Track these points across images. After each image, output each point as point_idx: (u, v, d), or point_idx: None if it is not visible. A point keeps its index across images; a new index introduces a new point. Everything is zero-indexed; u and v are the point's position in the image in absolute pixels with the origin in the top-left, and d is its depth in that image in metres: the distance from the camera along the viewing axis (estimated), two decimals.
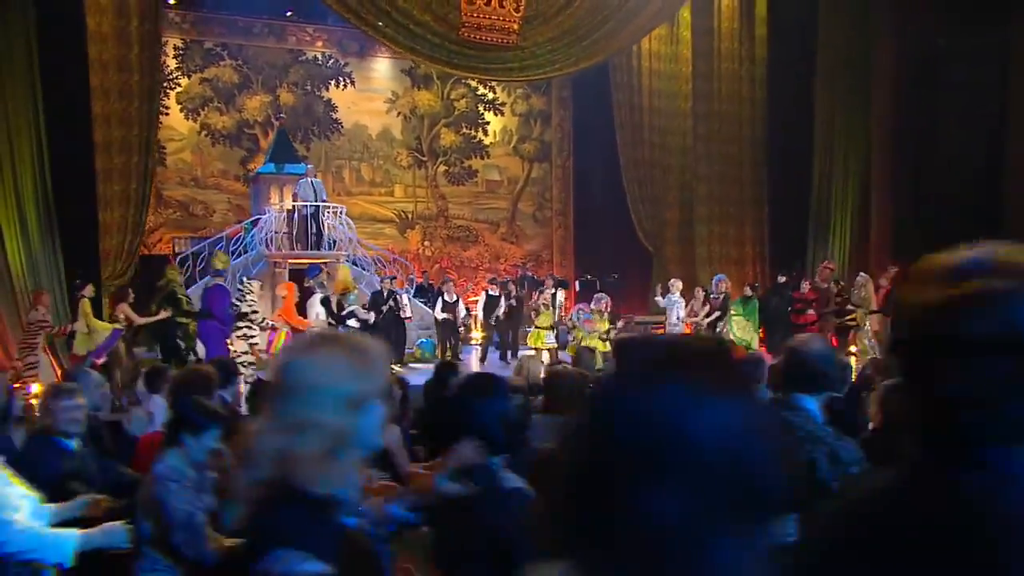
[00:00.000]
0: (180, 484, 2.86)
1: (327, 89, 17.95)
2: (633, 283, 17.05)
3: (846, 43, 13.52)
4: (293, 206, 14.06)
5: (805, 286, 12.42)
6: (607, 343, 10.84)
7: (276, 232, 14.15)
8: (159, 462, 2.99)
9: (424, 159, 18.65)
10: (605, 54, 13.85)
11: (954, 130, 12.01)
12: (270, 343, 9.66)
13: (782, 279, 12.90)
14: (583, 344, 10.27)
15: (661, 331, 12.92)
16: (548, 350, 11.40)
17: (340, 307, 10.12)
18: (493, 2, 13.12)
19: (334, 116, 18.01)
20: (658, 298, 12.82)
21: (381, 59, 18.28)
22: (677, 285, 12.31)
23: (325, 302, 10.11)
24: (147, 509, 2.89)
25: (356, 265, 14.55)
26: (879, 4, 12.64)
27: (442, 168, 18.80)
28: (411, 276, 15.86)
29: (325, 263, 13.95)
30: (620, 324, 12.87)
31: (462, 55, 13.21)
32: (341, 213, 14.49)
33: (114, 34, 12.83)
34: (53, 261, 11.20)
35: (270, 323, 9.72)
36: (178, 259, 13.96)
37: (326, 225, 14.07)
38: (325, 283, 10.65)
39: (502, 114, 19.15)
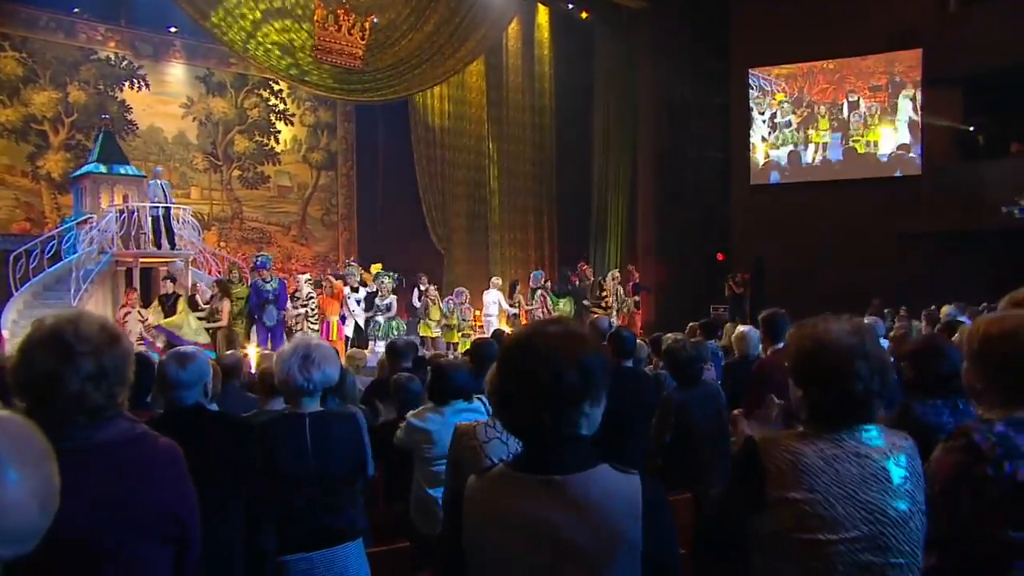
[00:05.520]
0: None
1: (121, 90, 17.87)
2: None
3: (616, 87, 17.44)
4: (135, 206, 14.41)
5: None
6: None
7: (118, 232, 14.32)
8: None
9: (219, 163, 19.27)
10: (433, 81, 16.22)
11: (696, 160, 16.40)
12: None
13: (569, 273, 16.15)
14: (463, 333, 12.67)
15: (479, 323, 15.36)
16: (432, 338, 13.43)
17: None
18: (342, 29, 14.85)
19: (129, 117, 17.98)
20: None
21: (176, 64, 18.61)
22: (496, 283, 14.91)
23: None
24: None
25: (194, 265, 15.23)
26: (641, 57, 16.65)
27: (236, 172, 19.55)
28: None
29: (167, 262, 14.60)
30: None
31: (313, 74, 14.73)
32: (186, 213, 15.07)
33: None
34: None
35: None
36: (11, 256, 13.65)
37: (174, 226, 14.60)
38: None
39: (292, 124, 20.36)
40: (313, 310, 11.11)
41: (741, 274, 15.15)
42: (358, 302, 12.31)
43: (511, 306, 14.88)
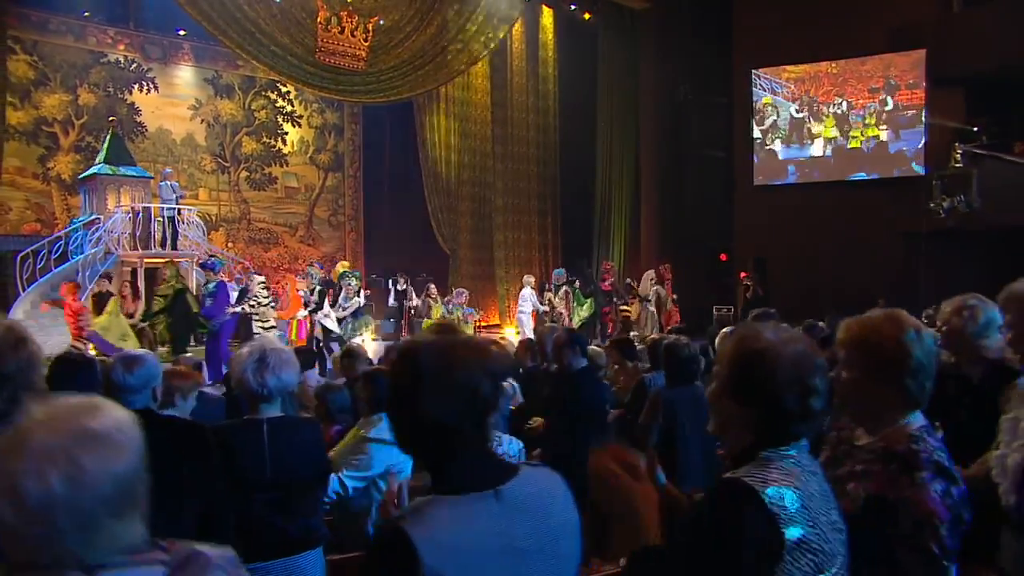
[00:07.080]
0: None
1: (130, 92, 18.07)
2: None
3: (620, 87, 17.48)
4: (143, 207, 14.59)
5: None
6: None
7: (125, 233, 14.50)
8: None
9: (227, 165, 19.44)
10: (437, 83, 16.27)
11: (699, 159, 16.40)
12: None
13: (593, 272, 16.20)
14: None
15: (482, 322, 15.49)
16: None
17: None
18: (345, 31, 14.93)
19: (138, 119, 18.18)
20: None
21: (184, 67, 18.79)
22: (529, 280, 15.02)
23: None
24: None
25: (203, 266, 15.37)
26: (644, 58, 16.68)
27: (244, 174, 19.72)
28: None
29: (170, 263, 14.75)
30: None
31: (317, 76, 14.82)
32: (192, 215, 15.23)
33: None
34: None
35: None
36: (18, 256, 13.86)
37: (180, 227, 14.77)
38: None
39: (299, 126, 20.51)
40: (258, 312, 11.34)
41: (743, 273, 15.15)
42: (309, 304, 12.55)
43: (541, 304, 14.93)
